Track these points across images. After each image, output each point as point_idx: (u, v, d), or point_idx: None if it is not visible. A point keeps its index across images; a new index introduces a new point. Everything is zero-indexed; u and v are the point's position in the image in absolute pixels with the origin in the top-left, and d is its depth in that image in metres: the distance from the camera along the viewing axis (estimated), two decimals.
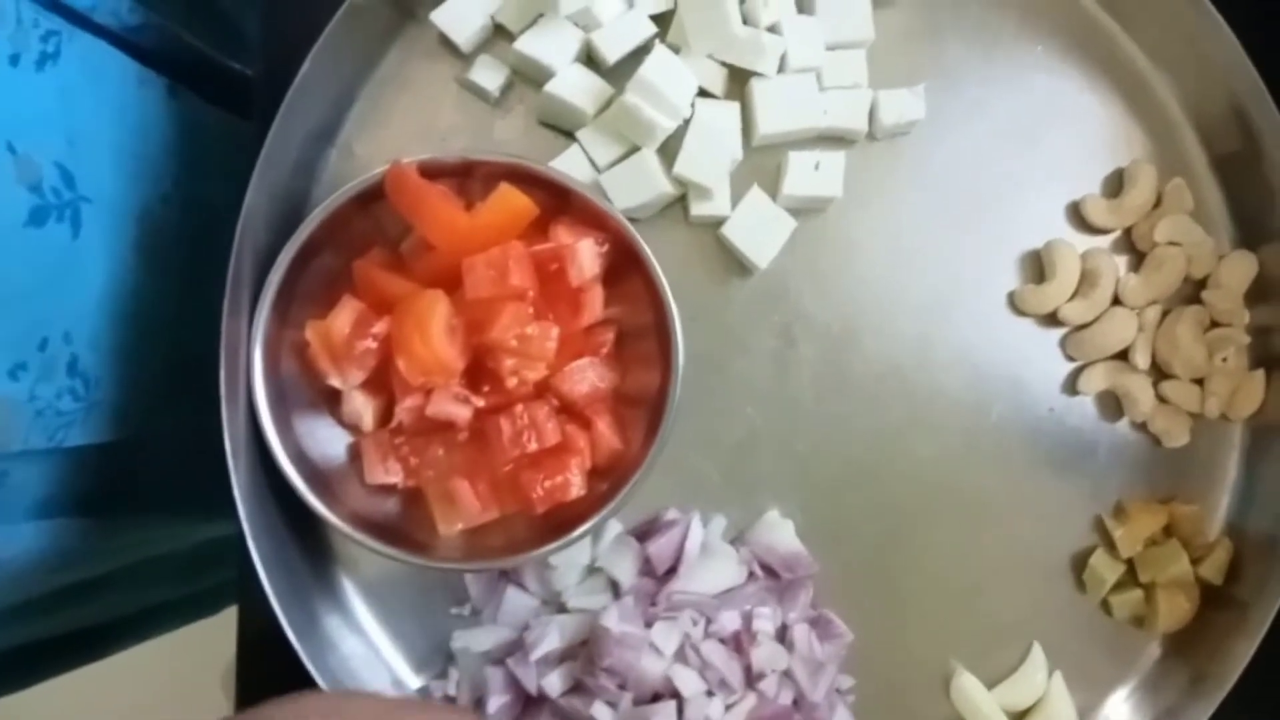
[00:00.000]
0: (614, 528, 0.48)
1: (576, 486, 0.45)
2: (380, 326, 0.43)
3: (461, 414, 0.44)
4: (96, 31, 0.50)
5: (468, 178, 0.46)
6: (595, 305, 0.45)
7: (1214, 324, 0.51)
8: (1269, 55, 0.49)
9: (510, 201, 0.43)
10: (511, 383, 0.43)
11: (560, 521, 0.45)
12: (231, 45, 0.63)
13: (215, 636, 0.52)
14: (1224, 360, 0.51)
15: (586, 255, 0.44)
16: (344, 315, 0.44)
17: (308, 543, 0.47)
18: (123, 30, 0.52)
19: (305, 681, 0.44)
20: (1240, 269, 0.51)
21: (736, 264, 0.50)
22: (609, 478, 0.46)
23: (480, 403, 0.44)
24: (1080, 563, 0.51)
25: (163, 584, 0.69)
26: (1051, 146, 0.52)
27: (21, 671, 0.62)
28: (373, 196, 0.45)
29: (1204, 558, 0.50)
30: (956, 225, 0.51)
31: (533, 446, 0.44)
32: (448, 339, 0.43)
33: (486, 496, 0.45)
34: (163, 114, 0.54)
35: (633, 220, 0.48)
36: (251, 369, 0.44)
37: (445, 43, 0.48)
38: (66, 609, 0.61)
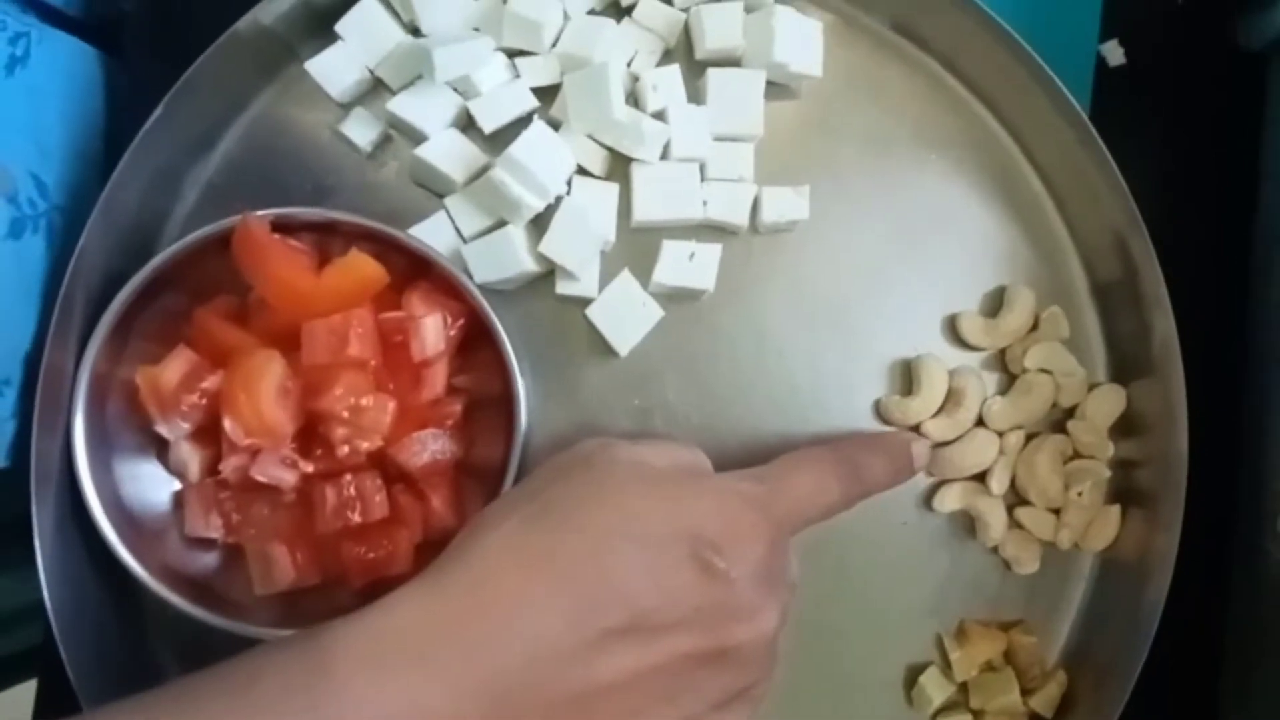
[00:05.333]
0: None
1: (401, 562, 0.44)
2: (211, 381, 0.42)
3: (287, 478, 0.43)
4: (64, 25, 0.49)
5: (330, 234, 0.45)
6: (437, 382, 0.44)
7: (1076, 455, 0.51)
8: (1154, 200, 0.49)
9: (358, 268, 0.42)
10: (342, 451, 0.42)
11: (386, 593, 0.44)
12: None
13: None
14: (1079, 494, 0.50)
15: (431, 332, 0.43)
16: (175, 366, 0.42)
17: (117, 593, 0.46)
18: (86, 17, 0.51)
19: None
20: (1108, 403, 0.51)
21: (601, 344, 0.49)
22: (441, 552, 0.45)
23: (309, 468, 0.43)
24: (914, 678, 0.50)
25: None
26: (935, 257, 0.51)
27: None
28: (228, 241, 0.43)
29: (1037, 689, 0.50)
30: (829, 327, 0.50)
31: (356, 520, 0.43)
32: (278, 402, 0.41)
33: (305, 564, 0.43)
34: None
35: (497, 291, 0.47)
36: (74, 403, 0.42)
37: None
38: None
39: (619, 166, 0.48)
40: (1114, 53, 0.54)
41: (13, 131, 0.45)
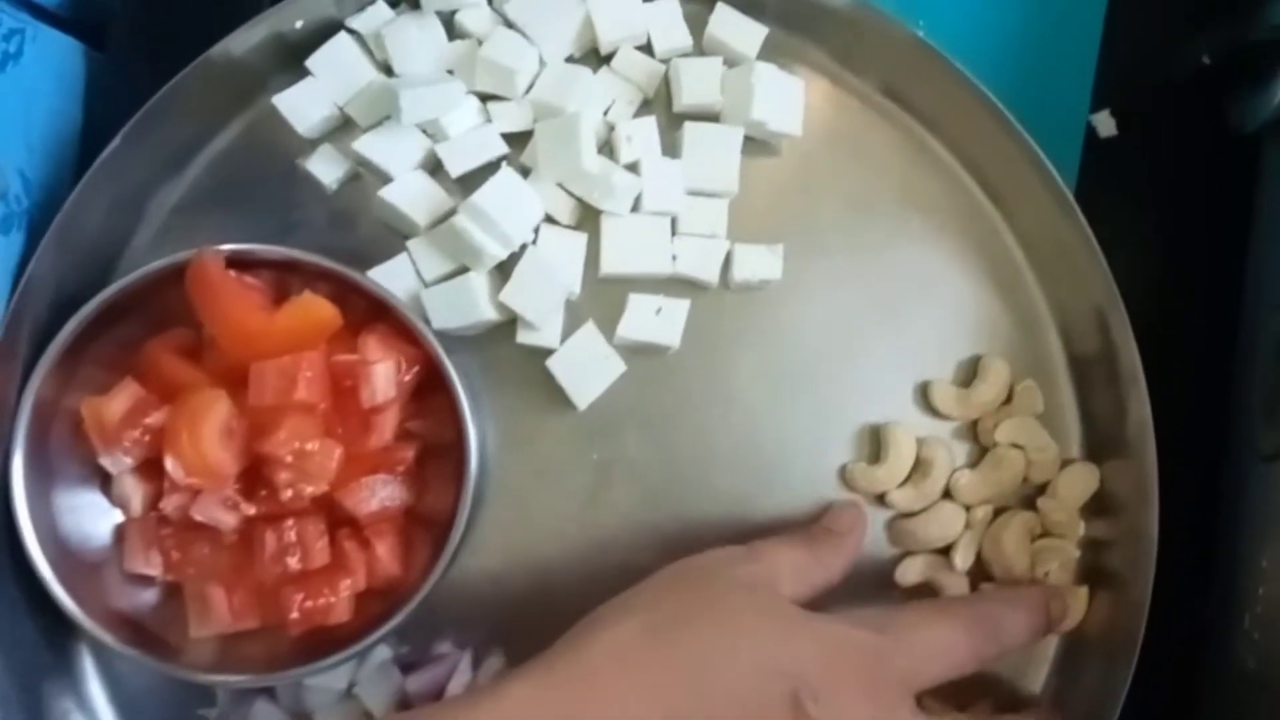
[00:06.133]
0: (382, 653, 0.46)
1: (340, 611, 0.43)
2: (156, 417, 0.41)
3: (227, 520, 0.42)
4: (57, 23, 0.49)
5: (290, 272, 0.44)
6: (386, 429, 0.43)
7: (1045, 533, 0.50)
8: (1139, 274, 0.48)
9: (311, 310, 0.41)
10: (286, 495, 0.41)
11: (326, 639, 0.43)
12: None
13: None
14: (1046, 575, 0.49)
15: (381, 379, 0.42)
16: (120, 400, 0.42)
17: (50, 629, 0.45)
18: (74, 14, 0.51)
19: None
20: (1080, 482, 0.50)
21: (562, 395, 0.48)
22: (385, 601, 0.44)
23: (251, 510, 0.42)
24: None
25: None
26: (911, 323, 0.50)
27: None
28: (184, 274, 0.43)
29: None
30: (797, 389, 0.49)
31: (296, 566, 0.42)
32: (221, 442, 0.41)
33: (241, 608, 0.43)
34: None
35: (458, 336, 0.46)
36: (15, 429, 0.42)
37: None
38: None
39: (589, 216, 0.47)
40: (1105, 123, 0.53)
41: (3, 128, 0.44)
